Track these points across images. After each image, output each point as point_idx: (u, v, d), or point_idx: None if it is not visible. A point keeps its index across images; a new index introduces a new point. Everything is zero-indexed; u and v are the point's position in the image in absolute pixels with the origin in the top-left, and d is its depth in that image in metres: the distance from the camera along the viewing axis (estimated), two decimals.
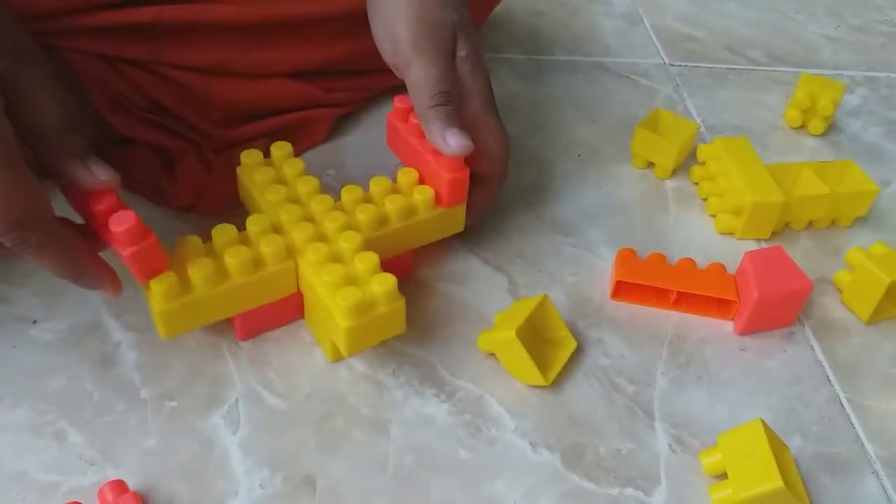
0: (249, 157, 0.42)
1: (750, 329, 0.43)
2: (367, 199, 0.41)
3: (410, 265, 0.45)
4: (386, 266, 0.42)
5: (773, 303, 0.42)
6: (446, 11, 0.42)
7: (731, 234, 0.50)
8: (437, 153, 0.41)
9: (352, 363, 0.40)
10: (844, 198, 0.49)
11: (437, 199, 0.42)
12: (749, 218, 0.48)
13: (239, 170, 0.42)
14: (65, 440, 0.36)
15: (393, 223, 0.41)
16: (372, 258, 0.37)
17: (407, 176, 0.42)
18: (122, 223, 0.33)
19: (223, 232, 0.37)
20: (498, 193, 0.46)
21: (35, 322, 0.41)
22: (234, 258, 0.36)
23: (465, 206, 0.43)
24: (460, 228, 0.44)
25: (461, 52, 0.42)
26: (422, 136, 0.42)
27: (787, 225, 0.50)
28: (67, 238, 0.34)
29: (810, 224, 0.51)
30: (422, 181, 0.42)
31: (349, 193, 0.41)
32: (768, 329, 0.44)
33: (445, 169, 0.41)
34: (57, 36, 0.46)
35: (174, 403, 0.38)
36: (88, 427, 0.37)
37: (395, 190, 0.42)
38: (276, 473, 0.36)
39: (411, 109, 0.43)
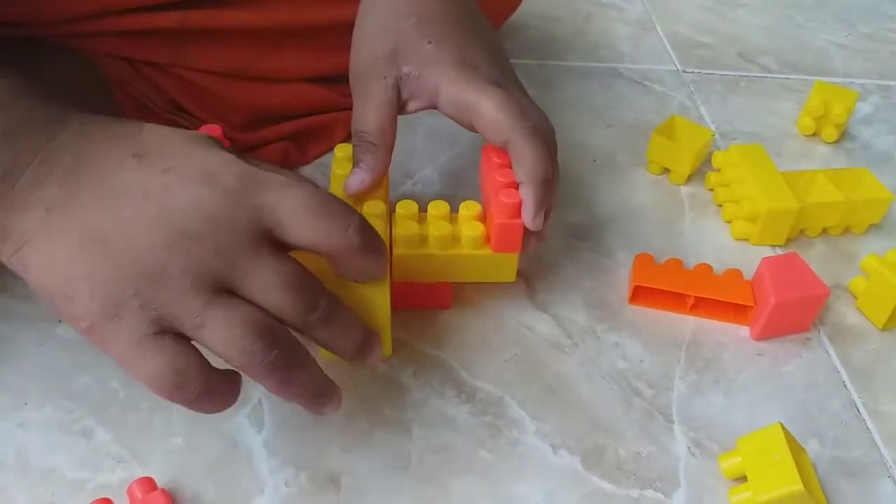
0: (342, 151, 0.43)
1: (766, 334, 0.44)
2: (416, 217, 0.41)
3: (448, 298, 0.44)
4: (422, 292, 0.43)
5: (790, 308, 0.42)
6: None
7: (747, 240, 0.50)
8: (498, 194, 0.39)
9: (373, 364, 0.41)
10: (859, 205, 0.50)
11: (487, 241, 0.41)
12: (764, 224, 0.49)
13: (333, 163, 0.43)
14: (92, 438, 0.37)
15: (431, 248, 0.40)
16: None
17: (468, 209, 0.41)
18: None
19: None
20: (544, 203, 0.40)
21: (61, 321, 0.41)
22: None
23: (516, 255, 0.41)
24: (511, 278, 0.42)
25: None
26: (493, 171, 0.40)
27: (801, 231, 0.51)
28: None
29: (824, 231, 0.51)
30: (483, 219, 0.41)
31: (403, 208, 0.41)
32: (784, 334, 0.44)
33: (497, 212, 0.39)
34: (83, 38, 0.46)
35: None
36: (115, 425, 0.37)
37: (449, 217, 0.41)
38: (300, 472, 0.36)
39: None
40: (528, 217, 0.39)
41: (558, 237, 0.49)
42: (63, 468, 0.35)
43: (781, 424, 0.36)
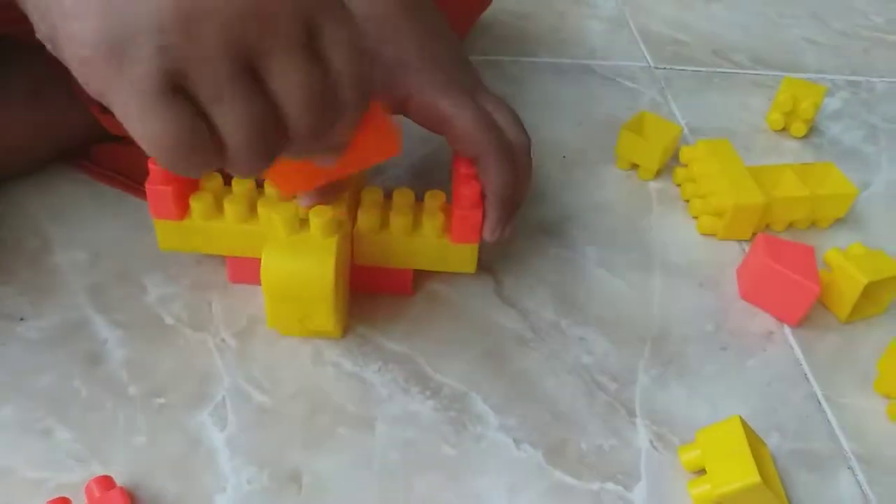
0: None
1: (750, 297, 0.46)
2: (381, 204, 0.41)
3: (409, 284, 0.44)
4: (383, 276, 0.43)
5: (776, 280, 0.44)
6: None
7: (713, 234, 0.51)
8: (459, 185, 0.40)
9: (338, 361, 0.41)
10: (824, 200, 0.50)
11: (447, 230, 0.41)
12: (730, 219, 0.49)
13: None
14: (52, 437, 0.36)
15: (392, 233, 0.41)
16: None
17: (433, 198, 0.42)
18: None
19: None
20: (508, 216, 0.41)
21: (22, 319, 0.41)
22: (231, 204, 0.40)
23: (475, 247, 0.42)
24: (471, 269, 0.43)
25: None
26: (459, 163, 0.41)
27: (767, 226, 0.51)
28: None
29: (790, 225, 0.52)
30: (446, 209, 0.42)
31: (369, 194, 0.41)
32: (771, 312, 0.46)
33: (457, 204, 0.40)
34: None
35: (162, 400, 0.38)
36: (76, 424, 0.37)
37: (415, 205, 0.42)
38: (262, 470, 0.36)
39: None
40: (487, 230, 0.40)
41: (526, 232, 0.49)
42: (22, 468, 0.35)
43: (740, 417, 0.36)
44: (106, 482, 0.33)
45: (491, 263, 0.47)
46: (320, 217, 0.37)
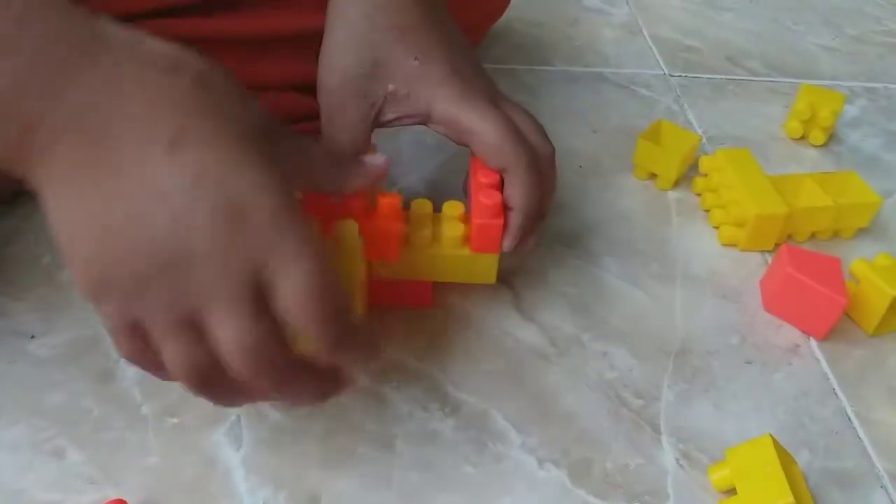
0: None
1: (774, 309, 0.45)
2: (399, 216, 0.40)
3: (429, 296, 0.43)
4: (402, 289, 0.42)
5: (800, 291, 0.43)
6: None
7: (735, 245, 0.50)
8: (479, 194, 0.39)
9: (355, 378, 0.40)
10: (847, 209, 0.49)
11: (467, 241, 0.40)
12: (752, 230, 0.48)
13: None
14: (64, 458, 0.35)
15: (411, 245, 0.40)
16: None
17: (451, 209, 0.41)
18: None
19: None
20: (531, 228, 0.41)
21: (33, 337, 0.40)
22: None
23: (496, 258, 0.41)
24: (491, 280, 0.42)
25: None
26: (476, 172, 0.40)
27: (789, 236, 0.50)
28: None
29: (813, 235, 0.51)
30: (465, 220, 0.41)
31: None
32: (794, 324, 0.45)
33: (476, 213, 0.39)
34: None
35: (175, 420, 0.37)
36: (88, 444, 0.36)
37: (432, 216, 0.41)
38: (279, 491, 0.35)
39: None
40: (507, 241, 0.40)
41: (544, 244, 0.49)
42: (33, 490, 0.34)
43: (771, 435, 0.35)
44: None
45: (509, 276, 0.46)
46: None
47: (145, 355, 0.29)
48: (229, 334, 0.27)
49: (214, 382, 0.29)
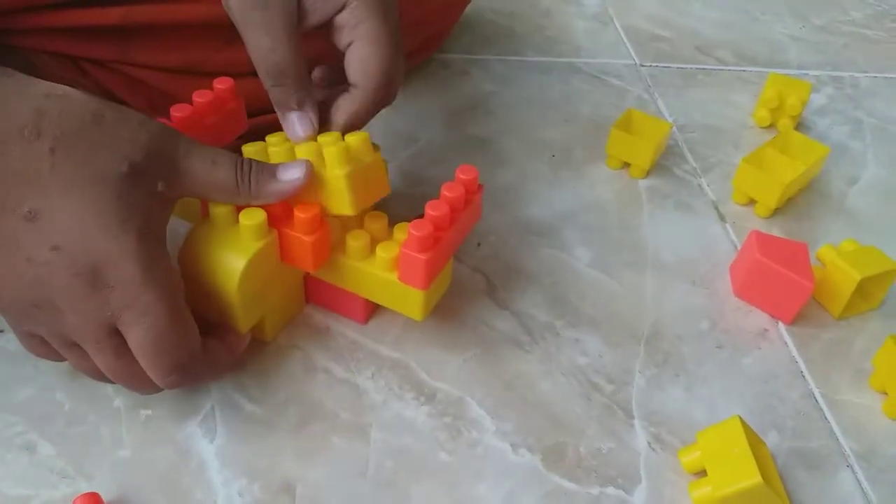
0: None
1: (744, 295, 0.46)
2: (349, 225, 0.39)
3: (361, 314, 0.42)
4: (336, 297, 0.41)
5: (769, 277, 0.44)
6: None
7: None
8: (414, 223, 0.36)
9: (329, 367, 0.40)
10: (812, 168, 0.52)
11: (396, 266, 0.37)
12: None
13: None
14: (35, 452, 0.35)
15: (342, 254, 0.38)
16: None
17: (401, 231, 0.38)
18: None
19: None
20: (370, 113, 0.39)
21: (2, 331, 0.40)
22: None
23: (425, 295, 0.37)
24: (418, 316, 0.38)
25: None
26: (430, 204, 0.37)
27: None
28: (213, 355, 0.36)
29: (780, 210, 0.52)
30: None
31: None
32: (763, 309, 0.45)
33: (405, 244, 0.36)
34: (21, 35, 0.44)
35: (148, 412, 0.37)
36: (59, 438, 0.36)
37: (380, 231, 0.39)
38: (254, 482, 0.35)
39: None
40: (340, 121, 0.38)
41: (517, 233, 0.49)
42: (3, 484, 0.34)
43: (740, 417, 0.36)
44: (93, 499, 0.32)
45: (481, 265, 0.46)
46: (250, 219, 0.35)
47: (49, 354, 0.34)
48: (100, 363, 0.33)
49: (113, 380, 0.34)
